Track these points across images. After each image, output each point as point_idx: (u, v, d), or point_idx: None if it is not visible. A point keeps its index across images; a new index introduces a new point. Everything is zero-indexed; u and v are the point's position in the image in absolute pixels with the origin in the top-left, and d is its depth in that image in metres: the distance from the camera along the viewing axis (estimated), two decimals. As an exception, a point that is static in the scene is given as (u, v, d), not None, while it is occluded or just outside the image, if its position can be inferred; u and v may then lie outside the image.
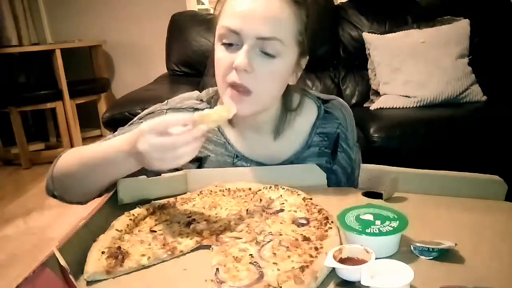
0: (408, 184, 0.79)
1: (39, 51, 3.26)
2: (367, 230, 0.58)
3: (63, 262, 0.53)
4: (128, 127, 0.90)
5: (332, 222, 0.65)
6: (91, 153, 0.79)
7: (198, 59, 2.50)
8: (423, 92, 2.12)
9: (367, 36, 2.35)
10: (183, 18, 2.69)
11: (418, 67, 2.16)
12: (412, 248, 0.58)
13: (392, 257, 0.57)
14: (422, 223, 0.66)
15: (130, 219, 0.70)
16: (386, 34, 2.30)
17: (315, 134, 0.92)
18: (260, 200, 0.76)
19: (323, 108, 0.93)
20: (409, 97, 2.14)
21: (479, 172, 0.78)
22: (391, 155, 1.80)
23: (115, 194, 0.78)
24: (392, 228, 0.58)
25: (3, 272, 1.89)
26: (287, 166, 0.88)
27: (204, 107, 0.90)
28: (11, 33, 3.34)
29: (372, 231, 0.57)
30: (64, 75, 3.22)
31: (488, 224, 0.67)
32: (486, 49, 2.34)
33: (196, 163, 0.91)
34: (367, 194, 0.80)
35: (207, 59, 0.86)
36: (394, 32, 2.28)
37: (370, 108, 2.21)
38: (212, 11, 0.81)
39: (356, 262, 0.53)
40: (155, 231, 0.67)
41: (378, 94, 2.28)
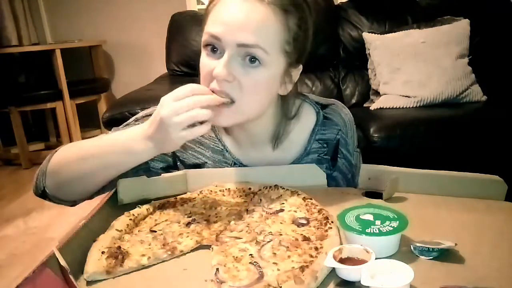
0: (408, 184, 0.79)
1: (39, 51, 3.26)
2: (367, 230, 0.58)
3: (63, 262, 0.53)
4: (123, 128, 0.88)
5: (332, 222, 0.65)
6: (99, 144, 0.78)
7: (198, 59, 2.47)
8: (423, 92, 2.12)
9: (367, 36, 2.36)
10: (183, 18, 2.69)
11: (418, 67, 2.16)
12: (412, 248, 0.58)
13: (392, 257, 0.56)
14: (422, 223, 0.66)
15: (130, 219, 0.70)
16: (386, 34, 2.30)
17: (314, 140, 0.90)
18: (260, 200, 0.76)
19: (322, 114, 0.91)
20: (409, 97, 2.14)
21: (479, 172, 0.78)
22: (391, 155, 1.80)
23: (115, 194, 0.78)
24: (392, 228, 0.58)
25: (3, 272, 1.89)
26: (287, 166, 0.88)
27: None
28: (11, 33, 3.34)
29: (372, 231, 0.57)
30: (64, 75, 3.22)
31: (488, 224, 0.67)
32: (486, 49, 2.34)
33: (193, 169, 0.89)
34: (367, 194, 0.80)
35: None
36: (394, 32, 2.28)
37: (370, 108, 2.21)
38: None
39: (356, 262, 0.53)
40: (155, 231, 0.67)
41: (378, 94, 2.29)
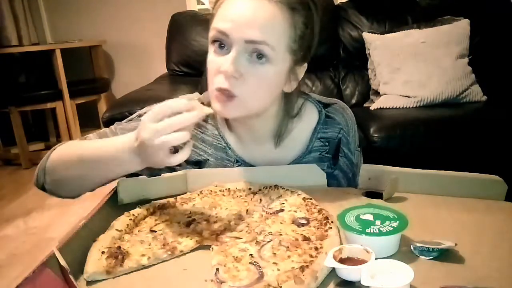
0: (408, 184, 0.79)
1: (39, 51, 3.26)
2: (367, 230, 0.58)
3: (63, 262, 0.53)
4: (126, 123, 0.90)
5: (332, 222, 0.65)
6: (92, 150, 0.78)
7: (198, 59, 2.50)
8: (423, 92, 2.12)
9: (367, 36, 2.36)
10: (183, 18, 2.70)
11: (418, 67, 2.16)
12: (412, 248, 0.58)
13: (392, 257, 0.57)
14: (422, 223, 0.66)
15: (130, 219, 0.70)
16: (386, 34, 2.30)
17: (316, 139, 0.91)
18: (260, 200, 0.76)
19: (324, 112, 0.92)
20: (409, 97, 2.14)
21: (479, 172, 0.78)
22: (391, 155, 1.80)
23: (115, 194, 0.78)
24: (392, 228, 0.58)
25: (3, 272, 1.89)
26: (287, 166, 0.88)
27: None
28: (11, 33, 3.34)
29: (372, 231, 0.57)
30: (64, 75, 3.22)
31: (488, 224, 0.67)
32: (486, 49, 2.34)
33: (195, 167, 0.90)
34: (367, 194, 0.80)
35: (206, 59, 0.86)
36: (394, 32, 2.28)
37: (370, 108, 2.21)
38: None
39: (356, 262, 0.53)
40: (155, 231, 0.67)
41: (378, 94, 2.28)
